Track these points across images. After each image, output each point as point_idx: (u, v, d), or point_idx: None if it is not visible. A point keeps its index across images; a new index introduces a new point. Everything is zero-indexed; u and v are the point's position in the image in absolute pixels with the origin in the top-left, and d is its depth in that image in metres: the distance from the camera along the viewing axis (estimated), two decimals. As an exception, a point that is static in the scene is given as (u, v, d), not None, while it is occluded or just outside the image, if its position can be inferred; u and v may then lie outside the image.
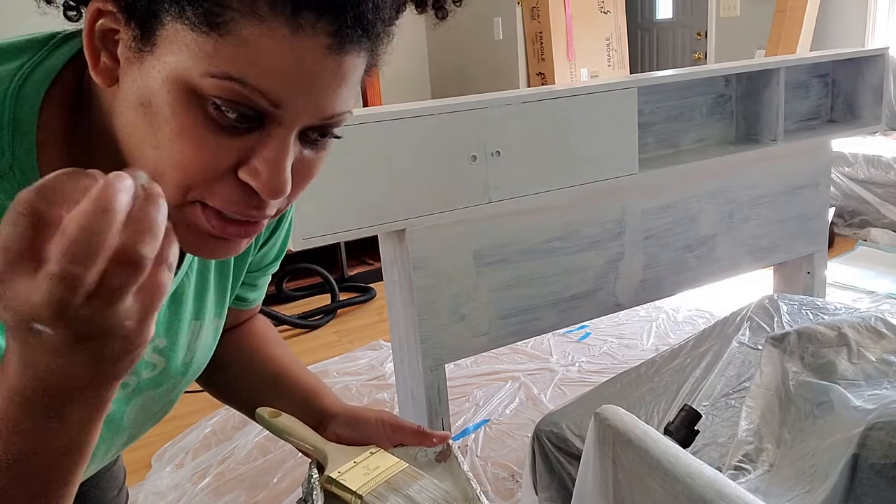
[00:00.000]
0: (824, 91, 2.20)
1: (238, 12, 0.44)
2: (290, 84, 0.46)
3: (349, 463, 0.71)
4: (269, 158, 0.48)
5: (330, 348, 2.68)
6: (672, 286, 1.96)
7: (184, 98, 0.46)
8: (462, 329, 1.64)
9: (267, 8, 0.44)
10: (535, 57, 4.69)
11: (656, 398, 1.38)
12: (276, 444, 2.02)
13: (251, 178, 0.48)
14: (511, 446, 1.95)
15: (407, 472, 0.70)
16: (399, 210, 1.47)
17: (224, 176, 0.48)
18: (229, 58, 0.44)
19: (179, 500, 1.82)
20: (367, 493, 0.67)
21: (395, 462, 0.72)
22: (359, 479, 0.69)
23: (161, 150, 0.47)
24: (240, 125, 0.47)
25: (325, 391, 0.80)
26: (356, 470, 0.70)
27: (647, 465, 0.83)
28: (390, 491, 0.67)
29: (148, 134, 0.47)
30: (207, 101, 0.46)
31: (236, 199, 0.49)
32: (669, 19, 5.33)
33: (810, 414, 1.11)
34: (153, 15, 0.45)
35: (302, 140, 0.51)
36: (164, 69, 0.46)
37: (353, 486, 0.67)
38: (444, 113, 1.48)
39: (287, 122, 0.48)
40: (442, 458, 0.75)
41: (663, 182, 1.85)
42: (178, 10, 0.44)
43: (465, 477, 0.71)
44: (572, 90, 1.63)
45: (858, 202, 3.53)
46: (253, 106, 0.46)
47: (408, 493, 0.67)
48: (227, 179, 0.48)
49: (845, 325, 1.27)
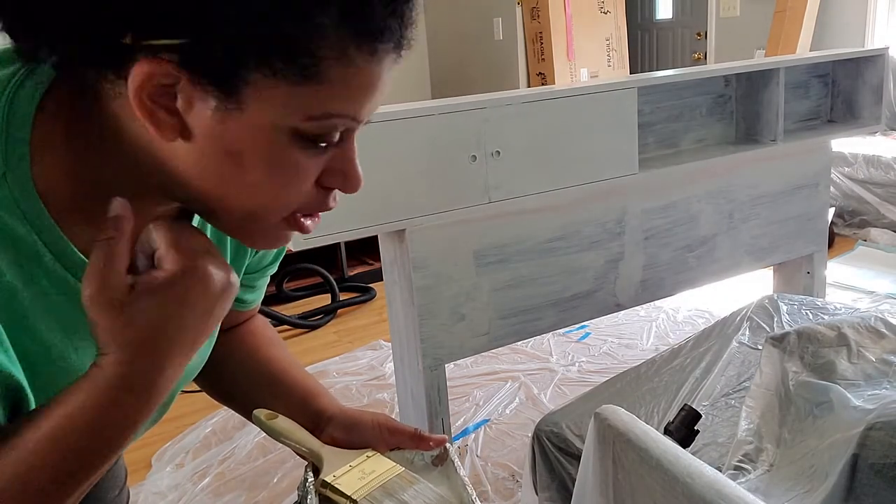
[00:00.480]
0: (824, 91, 2.20)
1: (330, 59, 0.47)
2: (369, 99, 0.52)
3: (345, 467, 0.70)
4: (349, 162, 0.54)
5: (330, 348, 2.68)
6: (672, 286, 1.96)
7: (283, 141, 0.49)
8: (462, 329, 1.64)
9: (355, 49, 0.48)
10: (535, 57, 4.69)
11: (656, 398, 1.38)
12: (276, 445, 2.01)
13: (339, 185, 0.55)
14: (511, 446, 1.95)
15: (402, 476, 0.70)
16: (399, 210, 1.47)
17: (312, 188, 0.54)
18: (328, 99, 0.49)
19: (180, 500, 1.82)
20: (361, 498, 0.66)
21: (391, 466, 0.71)
22: (354, 483, 0.68)
23: (260, 189, 0.51)
24: (326, 146, 0.52)
25: (323, 393, 0.80)
26: (352, 474, 0.70)
27: (647, 465, 0.83)
28: (385, 495, 0.67)
29: (240, 178, 0.50)
30: (303, 137, 0.50)
31: (322, 200, 0.55)
32: (669, 19, 5.33)
33: (810, 414, 1.11)
34: (236, 74, 0.46)
35: None
36: (257, 121, 0.48)
37: (347, 490, 0.67)
38: (444, 113, 1.48)
39: (357, 128, 0.54)
40: (439, 462, 0.75)
41: (663, 182, 1.85)
42: (268, 69, 0.46)
43: (461, 482, 0.71)
44: (572, 90, 1.63)
45: (858, 202, 3.53)
46: (340, 128, 0.51)
47: (403, 498, 0.67)
48: (313, 189, 0.54)
49: (845, 325, 1.27)
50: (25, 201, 0.50)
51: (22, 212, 0.50)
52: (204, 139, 0.49)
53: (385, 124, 1.42)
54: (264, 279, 0.82)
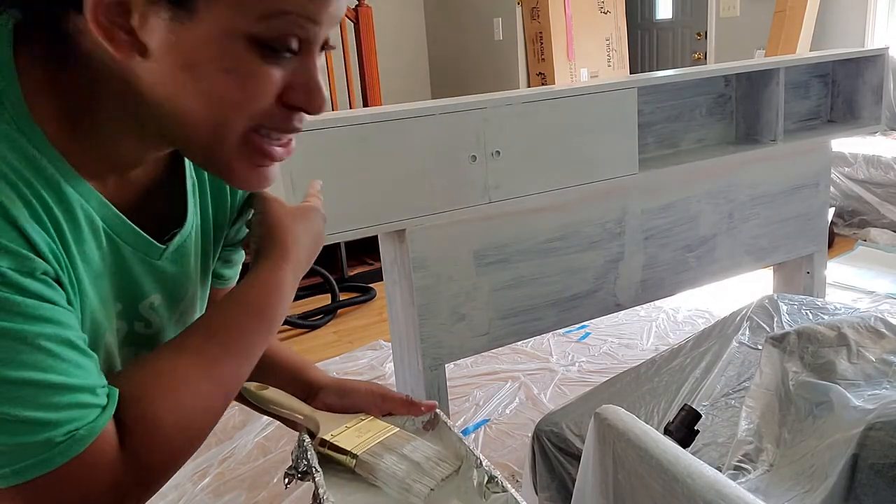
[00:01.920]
0: (824, 91, 2.20)
1: None
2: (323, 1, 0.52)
3: (341, 427, 0.72)
4: (309, 79, 0.54)
5: (330, 348, 2.68)
6: (672, 286, 1.96)
7: (239, 48, 0.50)
8: (462, 329, 1.64)
9: None
10: (535, 57, 4.69)
11: (656, 398, 1.38)
12: (277, 444, 2.02)
13: (300, 100, 0.55)
14: (511, 446, 1.95)
15: (399, 434, 0.72)
16: (399, 210, 1.47)
17: (272, 103, 0.54)
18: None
19: (180, 499, 1.82)
20: (362, 453, 0.68)
21: (387, 426, 0.73)
22: (352, 440, 0.70)
23: (218, 100, 0.51)
24: (286, 55, 0.52)
25: (312, 365, 0.81)
26: (349, 433, 0.71)
27: (647, 465, 0.83)
28: (385, 450, 0.68)
29: (199, 90, 0.51)
30: (258, 43, 0.50)
31: (284, 118, 0.55)
32: (669, 19, 5.33)
33: (810, 414, 1.11)
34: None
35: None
36: (210, 29, 0.49)
37: (347, 446, 0.68)
38: (444, 113, 1.48)
39: (318, 41, 0.54)
40: (430, 427, 0.77)
41: (663, 182, 1.85)
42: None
43: (455, 437, 0.72)
44: (572, 90, 1.63)
45: (858, 202, 3.53)
46: (298, 33, 0.51)
47: (402, 452, 0.69)
48: (274, 106, 0.54)
49: (845, 325, 1.27)
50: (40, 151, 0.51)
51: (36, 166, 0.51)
52: (162, 54, 0.50)
53: (385, 124, 1.42)
54: (241, 254, 0.83)
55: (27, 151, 0.50)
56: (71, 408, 0.50)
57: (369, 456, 0.67)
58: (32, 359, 0.48)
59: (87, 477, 0.51)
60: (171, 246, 0.64)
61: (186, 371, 0.57)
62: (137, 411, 0.54)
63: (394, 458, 0.68)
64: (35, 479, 0.49)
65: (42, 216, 0.51)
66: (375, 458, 0.67)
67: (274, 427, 2.09)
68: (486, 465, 0.66)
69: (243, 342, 0.62)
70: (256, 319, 0.63)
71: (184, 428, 0.56)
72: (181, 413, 0.56)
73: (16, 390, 0.47)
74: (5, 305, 0.47)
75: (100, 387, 0.53)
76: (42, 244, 0.50)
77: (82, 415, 0.51)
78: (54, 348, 0.49)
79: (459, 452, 0.71)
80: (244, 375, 0.62)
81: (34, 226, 0.49)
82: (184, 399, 0.56)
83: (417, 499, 0.64)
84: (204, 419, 0.58)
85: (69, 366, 0.50)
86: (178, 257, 0.66)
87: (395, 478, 0.66)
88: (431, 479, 0.66)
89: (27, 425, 0.48)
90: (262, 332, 0.63)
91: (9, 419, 0.48)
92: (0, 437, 0.48)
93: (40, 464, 0.49)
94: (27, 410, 0.48)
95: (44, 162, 0.51)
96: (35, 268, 0.49)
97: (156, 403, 0.55)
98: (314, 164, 1.32)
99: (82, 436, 0.50)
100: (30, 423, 0.48)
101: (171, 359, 0.58)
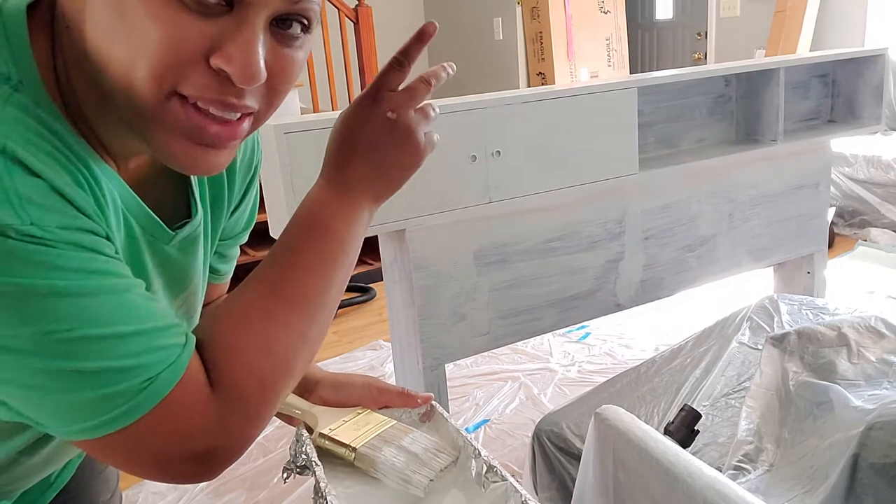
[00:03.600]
0: (824, 91, 2.20)
1: None
2: None
3: (339, 421, 0.72)
4: (240, 41, 0.49)
5: (330, 348, 2.68)
6: (672, 286, 1.96)
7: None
8: (462, 329, 1.64)
9: None
10: (535, 57, 4.69)
11: (656, 398, 1.38)
12: (276, 444, 2.02)
13: (224, 63, 0.49)
14: (511, 446, 1.95)
15: (397, 427, 0.73)
16: (399, 210, 1.47)
17: (197, 62, 0.49)
18: None
19: (179, 500, 1.82)
20: (361, 446, 0.68)
21: (385, 419, 0.74)
22: (351, 433, 0.70)
23: (132, 40, 0.48)
24: (210, 7, 0.48)
25: None
26: (347, 426, 0.72)
27: (647, 465, 0.83)
28: (383, 443, 0.69)
29: (118, 27, 0.48)
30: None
31: (212, 84, 0.50)
32: (669, 19, 5.33)
33: (810, 414, 1.11)
34: None
35: (275, 35, 0.52)
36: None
37: (346, 439, 0.69)
38: (444, 113, 1.48)
39: (257, 4, 0.49)
40: (426, 419, 0.78)
41: (663, 182, 1.85)
42: None
43: (452, 428, 0.73)
44: (572, 90, 1.63)
45: (858, 202, 3.53)
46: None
47: (401, 444, 0.69)
48: (200, 66, 0.49)
49: (845, 326, 1.27)
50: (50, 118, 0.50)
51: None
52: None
53: (385, 124, 1.41)
54: (235, 249, 0.82)
55: (54, 128, 0.50)
56: (149, 352, 0.50)
57: (368, 449, 0.68)
58: (97, 312, 0.48)
59: (179, 419, 0.51)
60: (180, 234, 0.64)
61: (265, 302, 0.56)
62: (221, 346, 0.54)
63: (392, 450, 0.69)
64: (126, 427, 0.49)
65: (83, 184, 0.50)
66: (374, 450, 0.68)
67: (273, 427, 2.09)
68: (485, 455, 0.67)
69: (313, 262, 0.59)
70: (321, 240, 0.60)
71: (272, 357, 0.55)
72: (264, 341, 0.55)
73: (87, 344, 0.47)
74: (60, 262, 0.46)
75: (174, 326, 0.52)
76: (87, 206, 0.50)
77: (162, 357, 0.50)
78: (117, 299, 0.49)
79: (456, 443, 0.72)
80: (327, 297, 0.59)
81: (77, 191, 0.49)
82: (266, 327, 0.55)
83: (417, 489, 0.65)
84: (291, 348, 0.57)
85: (137, 311, 0.50)
86: (185, 246, 0.66)
87: (394, 469, 0.67)
88: (430, 469, 0.67)
89: (106, 375, 0.48)
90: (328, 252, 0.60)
91: (87, 372, 0.47)
92: (82, 392, 0.47)
93: (128, 412, 0.49)
94: (104, 361, 0.47)
95: (70, 140, 0.51)
96: (82, 225, 0.48)
97: (236, 336, 0.54)
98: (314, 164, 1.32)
99: (166, 378, 0.50)
100: (109, 373, 0.48)
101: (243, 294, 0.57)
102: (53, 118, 0.50)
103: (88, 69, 0.51)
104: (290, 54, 0.53)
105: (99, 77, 0.51)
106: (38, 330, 0.46)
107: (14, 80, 0.49)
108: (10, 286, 0.45)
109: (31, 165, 0.46)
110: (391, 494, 0.67)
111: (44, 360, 0.46)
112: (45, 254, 0.46)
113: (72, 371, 0.47)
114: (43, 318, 0.46)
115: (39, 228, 0.45)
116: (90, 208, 0.50)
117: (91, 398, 0.48)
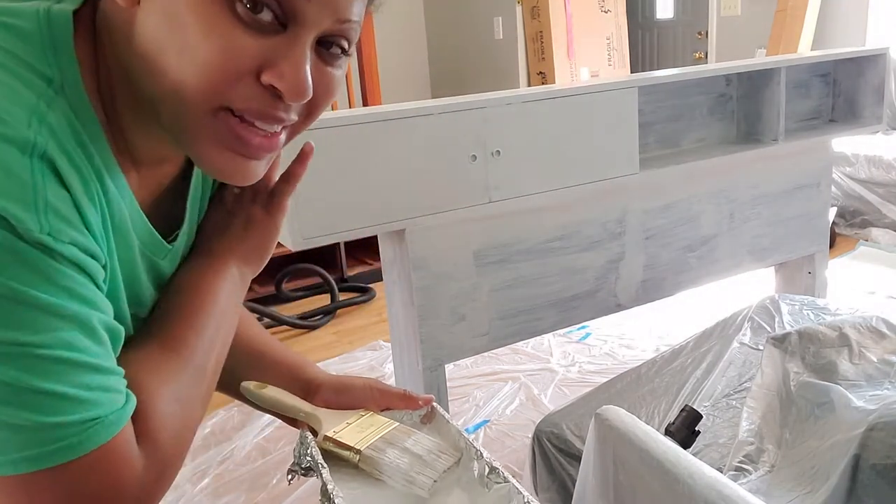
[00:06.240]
0: (825, 91, 2.20)
1: None
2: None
3: (342, 423, 0.73)
4: (292, 59, 0.51)
5: (329, 348, 2.68)
6: (672, 286, 1.96)
7: (215, 6, 0.48)
8: (462, 329, 1.64)
9: None
10: (535, 56, 4.68)
11: (657, 399, 1.37)
12: (276, 445, 2.02)
13: (276, 80, 0.51)
14: (511, 447, 1.94)
15: (400, 429, 0.74)
16: (399, 210, 1.47)
17: (248, 77, 0.51)
18: None
19: (179, 500, 1.82)
20: (365, 447, 0.69)
21: (388, 421, 0.75)
22: (355, 436, 0.71)
23: (186, 54, 0.49)
24: (265, 25, 0.49)
25: (309, 363, 0.82)
26: (351, 429, 0.73)
27: (647, 466, 0.83)
28: (387, 445, 0.70)
29: (172, 41, 0.49)
30: (235, 1, 0.48)
31: (261, 99, 0.52)
32: (670, 18, 5.33)
33: (811, 414, 1.11)
34: None
35: (319, 54, 0.54)
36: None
37: (350, 442, 0.70)
38: (444, 113, 1.48)
39: (308, 24, 0.51)
40: (427, 420, 0.79)
41: (664, 182, 1.85)
42: None
43: (454, 430, 0.74)
44: (572, 90, 1.63)
45: (859, 202, 3.52)
46: (280, 2, 0.49)
47: (404, 446, 0.70)
48: (250, 81, 0.51)
49: (846, 326, 1.27)
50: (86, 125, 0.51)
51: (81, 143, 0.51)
52: (147, 2, 0.49)
53: (385, 124, 1.41)
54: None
55: (82, 139, 0.50)
56: (103, 391, 0.49)
57: (372, 451, 0.69)
58: (69, 336, 0.47)
59: (115, 468, 0.49)
60: (174, 247, 0.65)
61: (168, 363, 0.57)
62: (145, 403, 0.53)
63: (396, 452, 0.69)
64: (60, 465, 0.46)
65: (96, 202, 0.51)
66: (378, 452, 0.69)
67: (273, 428, 2.08)
68: (487, 456, 0.68)
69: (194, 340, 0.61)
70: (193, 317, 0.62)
71: (185, 420, 0.56)
72: (178, 405, 0.56)
73: (53, 365, 0.46)
74: (56, 277, 0.46)
75: (121, 373, 0.52)
76: (96, 227, 0.50)
77: (112, 399, 0.49)
78: (89, 330, 0.48)
79: (458, 444, 0.72)
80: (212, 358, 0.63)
81: (92, 210, 0.50)
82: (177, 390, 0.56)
83: (422, 490, 0.66)
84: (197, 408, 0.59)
85: (103, 348, 0.50)
86: (174, 257, 0.66)
87: (399, 471, 0.67)
88: (434, 471, 0.68)
89: (61, 402, 0.46)
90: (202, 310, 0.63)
91: (44, 393, 0.45)
92: (30, 414, 0.45)
93: (69, 448, 0.46)
94: (63, 386, 0.46)
95: (93, 150, 0.51)
96: (89, 247, 0.49)
97: (156, 396, 0.54)
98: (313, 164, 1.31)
99: (112, 421, 0.49)
100: (64, 400, 0.46)
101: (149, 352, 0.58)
102: (86, 124, 0.51)
103: (131, 75, 0.52)
104: (332, 72, 0.55)
105: (142, 84, 0.52)
106: (12, 338, 0.44)
107: (56, 83, 0.50)
108: (3, 288, 0.44)
109: (63, 176, 0.47)
110: (396, 495, 0.67)
111: (5, 369, 0.45)
112: (48, 265, 0.46)
113: (29, 388, 0.45)
114: (21, 328, 0.45)
115: (54, 240, 0.46)
116: (98, 229, 0.50)
117: (36, 423, 0.45)
